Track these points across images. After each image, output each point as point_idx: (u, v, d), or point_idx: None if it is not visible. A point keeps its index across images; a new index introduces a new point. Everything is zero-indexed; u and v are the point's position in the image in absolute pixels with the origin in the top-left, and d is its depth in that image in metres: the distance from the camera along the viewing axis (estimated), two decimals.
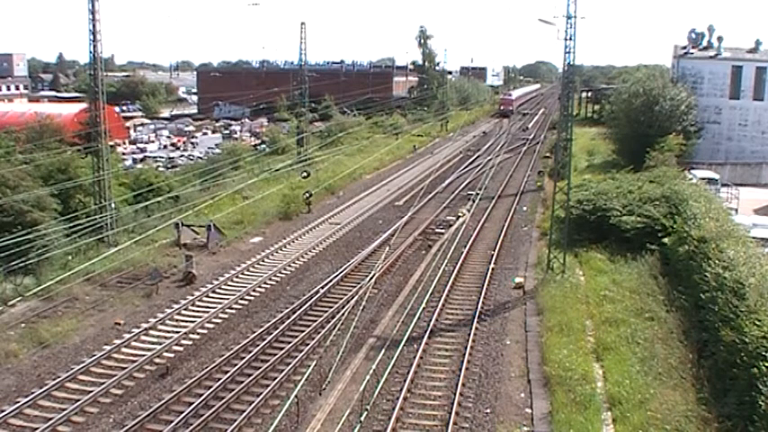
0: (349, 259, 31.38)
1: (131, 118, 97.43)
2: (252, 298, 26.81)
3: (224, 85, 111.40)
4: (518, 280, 28.40)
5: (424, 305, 24.91)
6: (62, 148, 38.77)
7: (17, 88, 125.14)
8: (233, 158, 48.54)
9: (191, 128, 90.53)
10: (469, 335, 22.62)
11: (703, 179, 38.97)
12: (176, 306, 25.24)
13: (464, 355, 21.09)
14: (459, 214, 39.88)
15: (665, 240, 27.84)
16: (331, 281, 28.11)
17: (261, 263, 30.90)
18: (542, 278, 27.95)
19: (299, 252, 32.50)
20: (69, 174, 33.94)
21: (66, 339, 22.34)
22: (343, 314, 23.04)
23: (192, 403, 18.15)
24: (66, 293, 25.65)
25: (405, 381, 19.36)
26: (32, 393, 18.56)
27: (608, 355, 20.16)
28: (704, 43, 54.72)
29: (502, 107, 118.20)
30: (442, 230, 36.93)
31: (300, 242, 34.76)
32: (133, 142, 76.94)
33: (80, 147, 38.98)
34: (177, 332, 22.98)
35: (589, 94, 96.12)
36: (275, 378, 19.66)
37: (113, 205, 33.12)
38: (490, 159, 60.91)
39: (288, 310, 24.95)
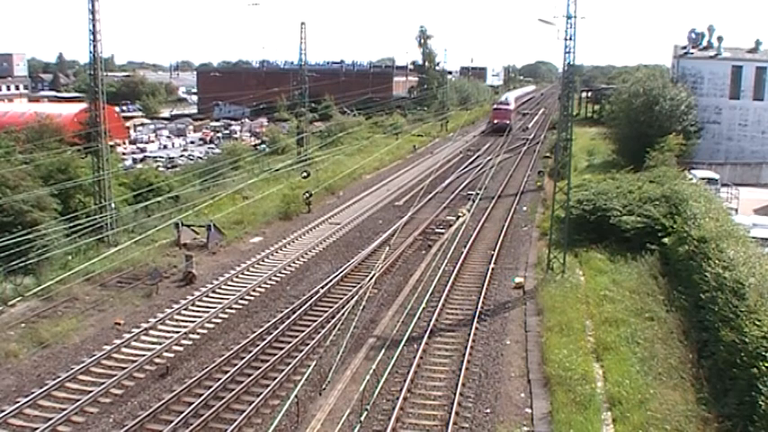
0: (349, 259, 31.38)
1: (131, 118, 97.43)
2: (252, 298, 26.81)
3: (224, 85, 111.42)
4: (518, 280, 28.41)
5: (424, 305, 24.88)
6: (62, 148, 38.77)
7: (17, 88, 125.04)
8: (233, 158, 48.56)
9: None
10: (469, 335, 22.62)
11: (703, 179, 38.99)
12: (176, 306, 25.25)
13: (464, 355, 21.09)
14: (459, 214, 39.86)
15: (665, 240, 27.85)
16: (331, 281, 28.11)
17: (261, 263, 30.90)
18: (542, 278, 27.95)
19: (299, 252, 32.49)
20: (69, 174, 33.93)
21: (67, 339, 22.34)
22: (343, 314, 23.02)
23: (191, 403, 18.16)
24: (66, 293, 25.65)
25: (405, 381, 19.36)
26: (32, 393, 18.57)
27: (608, 355, 20.17)
28: (704, 43, 54.76)
29: (495, 120, 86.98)
30: (442, 230, 36.93)
31: (300, 242, 34.76)
32: (133, 142, 76.99)
33: (80, 147, 38.99)
34: (177, 332, 22.99)
35: (589, 94, 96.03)
36: (275, 378, 19.66)
37: (113, 205, 33.11)
38: (490, 159, 60.84)
39: (288, 310, 24.95)
